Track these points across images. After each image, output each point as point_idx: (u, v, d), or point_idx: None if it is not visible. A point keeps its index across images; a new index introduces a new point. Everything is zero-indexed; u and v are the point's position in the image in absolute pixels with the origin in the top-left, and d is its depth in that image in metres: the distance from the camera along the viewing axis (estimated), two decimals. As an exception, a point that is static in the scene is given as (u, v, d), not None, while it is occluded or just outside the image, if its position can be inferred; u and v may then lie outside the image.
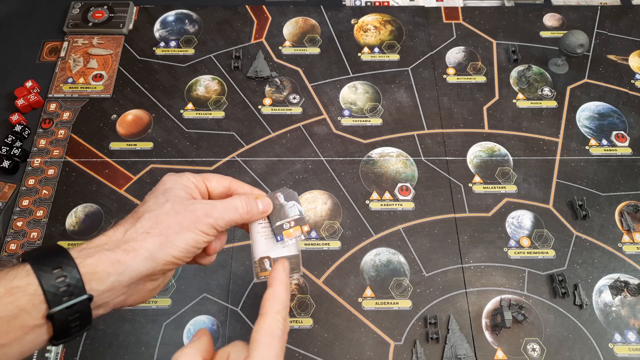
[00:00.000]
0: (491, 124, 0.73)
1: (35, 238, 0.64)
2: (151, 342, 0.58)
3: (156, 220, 0.37)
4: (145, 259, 0.36)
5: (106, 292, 0.35)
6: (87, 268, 0.34)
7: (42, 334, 0.33)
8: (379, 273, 0.62)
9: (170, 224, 0.37)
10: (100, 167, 0.69)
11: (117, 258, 0.35)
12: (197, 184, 0.41)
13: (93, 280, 0.34)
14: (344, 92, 0.76)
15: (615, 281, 0.62)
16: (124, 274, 0.35)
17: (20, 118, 0.72)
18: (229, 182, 0.43)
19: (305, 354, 0.58)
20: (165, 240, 0.36)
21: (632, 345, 0.58)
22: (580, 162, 0.70)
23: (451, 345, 0.57)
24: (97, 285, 0.34)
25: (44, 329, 0.33)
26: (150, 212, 0.37)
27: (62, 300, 0.32)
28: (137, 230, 0.36)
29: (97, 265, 0.34)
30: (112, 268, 0.35)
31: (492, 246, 0.64)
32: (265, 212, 0.44)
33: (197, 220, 0.38)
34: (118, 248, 0.35)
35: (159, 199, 0.38)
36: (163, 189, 0.39)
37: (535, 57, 0.79)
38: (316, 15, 0.83)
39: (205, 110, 0.74)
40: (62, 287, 0.32)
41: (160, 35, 0.81)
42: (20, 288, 0.32)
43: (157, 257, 0.36)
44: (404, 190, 0.68)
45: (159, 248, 0.36)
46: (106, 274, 0.34)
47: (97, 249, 0.35)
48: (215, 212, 0.39)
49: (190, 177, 0.41)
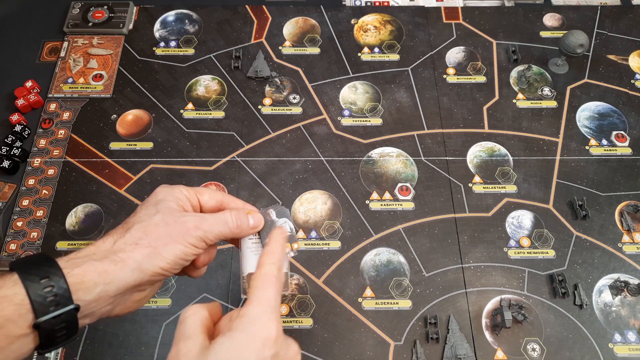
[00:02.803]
0: (491, 124, 0.73)
1: (35, 238, 0.64)
2: (151, 342, 0.58)
3: (145, 231, 0.37)
4: (133, 270, 0.36)
5: (93, 302, 0.35)
6: (74, 278, 0.34)
7: (27, 343, 0.33)
8: (379, 273, 0.63)
9: (160, 236, 0.37)
10: (100, 167, 0.69)
11: (105, 268, 0.35)
12: (190, 197, 0.41)
13: (80, 290, 0.34)
14: (344, 92, 0.76)
15: (615, 281, 0.62)
16: (111, 284, 0.35)
17: (20, 118, 0.72)
18: (221, 196, 0.43)
19: (305, 354, 0.58)
20: (153, 252, 0.36)
21: (632, 345, 0.58)
22: (580, 162, 0.70)
23: (451, 345, 0.57)
24: (84, 295, 0.34)
25: (29, 338, 0.33)
26: (140, 222, 0.38)
27: (48, 310, 0.33)
28: (125, 241, 0.37)
29: (85, 275, 0.34)
30: (99, 278, 0.35)
31: (492, 246, 0.64)
32: (256, 228, 0.43)
33: (186, 233, 0.38)
34: (106, 258, 0.35)
35: (149, 210, 0.39)
36: (155, 200, 0.39)
37: (535, 57, 0.79)
38: (316, 15, 0.83)
39: (205, 110, 0.74)
40: (49, 297, 0.32)
41: (160, 35, 0.81)
42: (7, 297, 0.32)
43: (144, 268, 0.36)
44: (404, 190, 0.68)
45: (147, 259, 0.36)
46: (93, 284, 0.34)
47: (85, 259, 0.35)
48: (205, 224, 0.39)
49: (182, 190, 0.41)
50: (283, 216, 0.46)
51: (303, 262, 0.63)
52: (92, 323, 0.37)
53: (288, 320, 0.59)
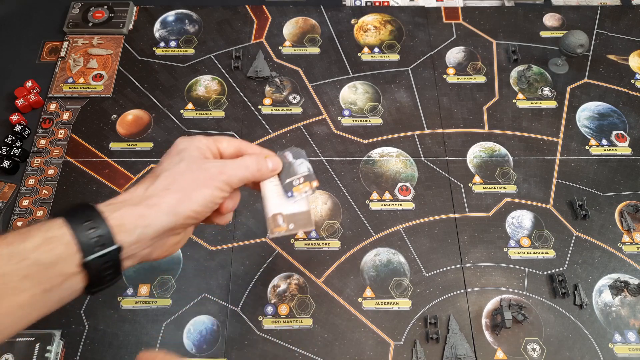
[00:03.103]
0: (491, 124, 0.73)
1: (35, 238, 0.64)
2: (151, 342, 0.58)
3: (174, 178, 0.39)
4: (167, 213, 0.38)
5: (134, 244, 0.37)
6: (114, 221, 0.36)
7: (78, 282, 0.35)
8: (379, 273, 0.62)
9: (187, 181, 0.39)
10: (100, 167, 0.69)
11: (142, 212, 0.37)
12: (209, 145, 0.43)
13: (121, 232, 0.36)
14: (344, 92, 0.76)
15: (615, 281, 0.62)
16: (148, 227, 0.37)
17: (20, 118, 0.72)
18: (239, 143, 0.45)
19: (305, 354, 0.58)
20: (184, 196, 0.39)
21: (632, 345, 0.58)
22: (580, 162, 0.70)
23: (451, 345, 0.57)
24: (125, 237, 0.36)
25: (79, 277, 0.35)
26: (167, 170, 0.40)
27: (94, 250, 0.35)
28: (156, 187, 0.39)
29: (124, 218, 0.36)
30: (138, 221, 0.37)
31: (492, 246, 0.64)
32: (275, 170, 0.46)
33: (211, 177, 0.40)
34: (141, 204, 0.37)
35: (173, 159, 0.41)
36: (177, 150, 0.41)
37: (535, 57, 0.79)
38: (316, 15, 0.83)
39: (205, 110, 0.74)
40: (94, 237, 0.35)
41: (160, 35, 0.81)
42: (56, 237, 0.34)
43: (178, 211, 0.38)
44: (404, 190, 0.68)
45: (179, 203, 0.38)
46: (133, 227, 0.36)
47: (122, 204, 0.37)
48: (228, 169, 0.41)
49: (202, 139, 0.43)
50: (299, 157, 0.47)
51: (303, 262, 0.63)
52: (133, 266, 0.39)
53: (288, 320, 0.59)
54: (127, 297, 0.60)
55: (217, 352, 0.58)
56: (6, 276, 0.32)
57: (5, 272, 0.32)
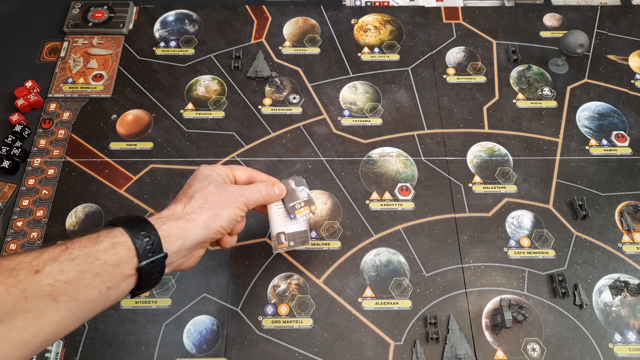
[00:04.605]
0: (491, 124, 0.73)
1: (35, 238, 0.64)
2: (151, 342, 0.58)
3: (206, 198, 0.46)
4: (202, 228, 0.45)
5: (175, 252, 0.43)
6: (163, 232, 0.42)
7: (131, 283, 0.40)
8: (379, 273, 0.62)
9: (217, 201, 0.46)
10: (100, 167, 0.69)
11: (183, 226, 0.43)
12: (227, 173, 0.51)
13: (167, 242, 0.42)
14: (344, 92, 0.76)
15: (615, 281, 0.62)
16: (187, 239, 0.43)
17: (20, 118, 0.72)
18: (250, 171, 0.54)
19: (305, 354, 0.58)
20: (214, 214, 0.46)
21: (632, 345, 0.58)
22: (580, 162, 0.70)
23: (451, 345, 0.57)
24: (170, 246, 0.42)
25: (132, 279, 0.40)
26: (199, 192, 0.47)
27: (147, 256, 0.40)
28: (192, 205, 0.45)
29: (170, 230, 0.42)
30: (180, 233, 0.43)
31: (492, 246, 0.64)
32: (281, 195, 0.55)
33: (235, 199, 0.48)
34: (182, 218, 0.44)
35: (202, 183, 0.48)
36: (203, 176, 0.49)
37: (535, 57, 0.79)
38: (316, 15, 0.83)
39: (205, 110, 0.74)
40: (148, 245, 0.40)
41: (160, 35, 0.81)
42: (120, 243, 0.39)
43: (210, 226, 0.45)
44: (404, 190, 0.68)
45: (211, 219, 0.45)
46: (176, 237, 0.43)
47: (167, 219, 0.43)
48: (246, 192, 0.50)
49: (222, 168, 0.51)
50: (300, 184, 0.56)
51: (303, 262, 0.63)
52: (168, 273, 0.44)
53: (288, 320, 0.59)
54: (127, 297, 0.60)
55: (217, 352, 0.58)
56: (84, 272, 0.37)
57: (83, 269, 0.37)
